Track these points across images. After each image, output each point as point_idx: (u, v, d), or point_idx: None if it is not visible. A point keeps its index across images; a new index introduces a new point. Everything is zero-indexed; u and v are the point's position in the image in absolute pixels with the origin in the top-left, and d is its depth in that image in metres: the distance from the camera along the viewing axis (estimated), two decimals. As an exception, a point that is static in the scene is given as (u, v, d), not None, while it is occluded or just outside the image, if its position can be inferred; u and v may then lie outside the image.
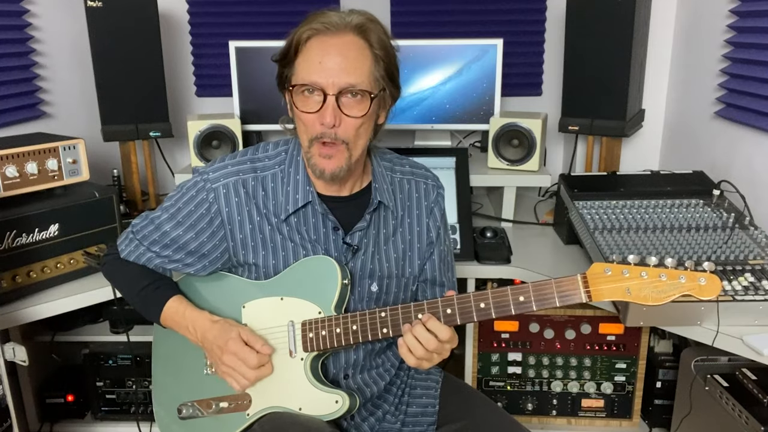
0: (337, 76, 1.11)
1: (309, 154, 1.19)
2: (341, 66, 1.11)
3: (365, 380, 1.31)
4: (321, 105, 1.13)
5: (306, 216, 1.25)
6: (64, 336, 2.06)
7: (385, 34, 1.17)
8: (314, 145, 1.17)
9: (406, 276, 1.32)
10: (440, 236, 1.36)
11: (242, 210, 1.24)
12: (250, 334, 1.22)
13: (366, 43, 1.14)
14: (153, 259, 1.30)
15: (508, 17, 2.49)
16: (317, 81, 1.12)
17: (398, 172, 1.34)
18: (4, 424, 1.36)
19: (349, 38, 1.13)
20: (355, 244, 1.26)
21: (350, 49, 1.13)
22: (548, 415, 2.06)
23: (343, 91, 1.12)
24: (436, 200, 1.36)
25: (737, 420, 1.50)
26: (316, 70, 1.12)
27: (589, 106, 2.21)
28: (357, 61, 1.13)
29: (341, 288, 1.21)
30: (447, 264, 1.40)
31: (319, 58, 1.12)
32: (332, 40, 1.12)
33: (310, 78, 1.12)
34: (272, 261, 1.25)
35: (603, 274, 1.07)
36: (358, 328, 1.18)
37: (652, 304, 1.06)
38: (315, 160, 1.18)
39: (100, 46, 2.14)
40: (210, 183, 1.24)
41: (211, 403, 1.27)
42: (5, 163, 1.60)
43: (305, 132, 1.18)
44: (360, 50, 1.13)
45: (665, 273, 1.05)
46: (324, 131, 1.14)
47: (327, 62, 1.11)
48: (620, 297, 1.07)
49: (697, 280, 1.04)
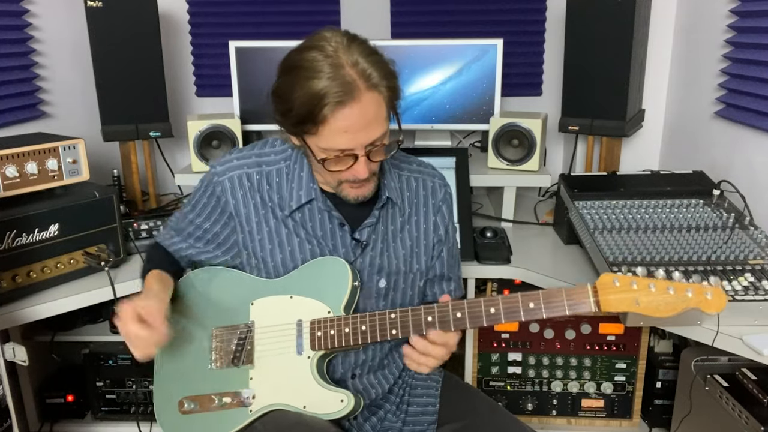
0: (365, 137, 1.12)
1: (338, 189, 1.22)
2: (366, 128, 1.11)
3: (371, 381, 1.32)
4: (352, 164, 1.15)
5: (311, 212, 1.26)
6: (64, 336, 2.06)
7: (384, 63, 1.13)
8: (344, 184, 1.20)
9: (414, 272, 1.33)
10: (448, 233, 1.39)
11: (248, 202, 1.27)
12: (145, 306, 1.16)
13: (378, 93, 1.11)
14: (184, 249, 1.38)
15: (508, 17, 2.49)
16: (347, 147, 1.12)
17: (405, 170, 1.36)
18: (4, 424, 1.36)
19: (366, 98, 1.09)
20: (363, 240, 1.27)
21: (369, 109, 1.10)
22: (548, 415, 2.06)
23: (368, 145, 1.14)
24: (444, 198, 1.37)
25: (737, 420, 1.50)
26: (343, 139, 1.11)
27: (589, 106, 2.21)
28: (377, 117, 1.12)
29: (351, 289, 1.22)
30: (455, 259, 1.42)
31: (344, 128, 1.10)
32: (354, 110, 1.08)
33: (338, 146, 1.12)
34: (279, 256, 1.26)
35: (612, 284, 1.09)
36: (368, 329, 1.19)
37: (660, 317, 1.08)
38: (347, 193, 1.22)
39: (100, 46, 2.14)
40: (217, 177, 1.28)
41: (214, 398, 1.27)
42: (5, 163, 1.60)
43: (333, 178, 1.19)
44: (377, 105, 1.12)
45: (673, 286, 1.07)
46: (355, 179, 1.17)
47: (353, 128, 1.10)
48: (628, 308, 1.09)
49: (704, 295, 1.07)
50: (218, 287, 1.34)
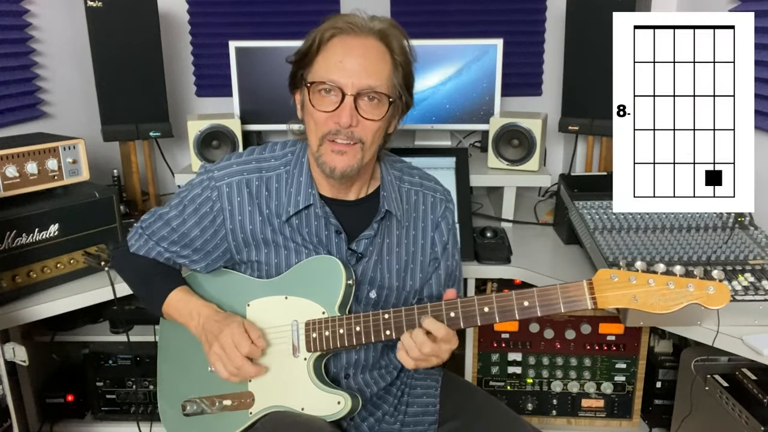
0: (357, 77, 1.11)
1: (319, 152, 1.17)
2: (362, 67, 1.11)
3: (366, 380, 1.31)
4: (338, 105, 1.12)
5: (308, 218, 1.25)
6: (64, 336, 2.06)
7: (407, 42, 1.18)
8: (325, 143, 1.16)
9: (407, 289, 1.32)
10: (447, 251, 1.35)
11: (244, 210, 1.24)
12: (251, 324, 1.22)
13: (387, 48, 1.14)
14: (162, 254, 1.31)
15: (508, 17, 2.49)
16: (337, 80, 1.11)
17: (406, 182, 1.33)
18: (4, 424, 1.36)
19: (372, 41, 1.13)
20: (360, 252, 1.26)
21: (372, 51, 1.12)
22: (548, 415, 2.06)
23: (361, 92, 1.12)
24: (444, 214, 1.35)
25: (737, 420, 1.50)
26: (336, 68, 1.11)
27: (589, 106, 2.21)
28: (378, 65, 1.13)
29: (345, 288, 1.21)
30: (454, 279, 1.39)
31: (340, 57, 1.11)
32: (355, 41, 1.12)
33: (329, 76, 1.11)
34: (275, 260, 1.26)
35: (609, 280, 1.06)
36: (362, 330, 1.18)
37: (659, 313, 1.04)
38: (326, 157, 1.16)
39: (100, 46, 2.14)
40: (214, 181, 1.24)
41: (215, 400, 1.27)
42: (5, 163, 1.60)
43: (316, 131, 1.16)
44: (381, 54, 1.13)
45: (673, 281, 1.03)
46: (339, 129, 1.13)
47: (348, 62, 1.11)
48: (626, 304, 1.06)
49: (706, 289, 1.03)
50: (214, 288, 1.33)
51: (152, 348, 1.45)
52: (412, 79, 1.21)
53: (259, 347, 1.20)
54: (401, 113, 1.24)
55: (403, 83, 1.18)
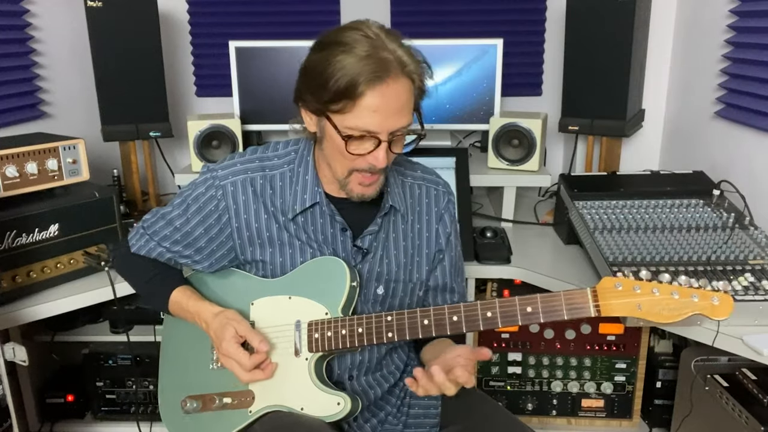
0: (393, 123, 1.11)
1: (345, 181, 1.19)
2: (396, 112, 1.10)
3: (369, 382, 1.31)
4: (373, 149, 1.12)
5: (314, 216, 1.25)
6: (64, 336, 2.06)
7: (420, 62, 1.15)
8: (354, 175, 1.17)
9: (413, 281, 1.32)
10: (450, 242, 1.37)
11: (249, 208, 1.24)
12: (249, 330, 1.21)
13: (411, 84, 1.12)
14: (164, 254, 1.31)
15: (508, 17, 2.49)
16: (374, 130, 1.10)
17: (409, 177, 1.34)
18: (4, 424, 1.36)
19: (401, 83, 1.09)
20: (365, 248, 1.26)
21: (402, 94, 1.10)
22: (548, 415, 2.06)
23: (393, 133, 1.13)
24: (447, 207, 1.36)
25: (737, 420, 1.50)
26: (371, 119, 1.09)
27: (589, 106, 2.21)
28: (407, 105, 1.12)
29: (349, 290, 1.21)
30: (458, 270, 1.40)
31: (374, 108, 1.08)
32: (388, 90, 1.08)
33: (366, 127, 1.10)
34: (279, 259, 1.26)
35: (613, 288, 1.06)
36: (364, 331, 1.18)
37: (663, 323, 1.04)
38: (353, 186, 1.19)
39: (100, 46, 2.14)
40: (218, 180, 1.24)
41: (215, 399, 1.27)
42: (5, 163, 1.60)
43: (346, 165, 1.16)
44: (408, 93, 1.12)
45: (677, 291, 1.03)
46: (369, 167, 1.15)
47: (383, 111, 1.09)
48: (630, 313, 1.05)
49: (710, 300, 1.03)
50: (218, 287, 1.33)
51: (152, 348, 1.45)
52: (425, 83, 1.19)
53: (263, 351, 1.20)
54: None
55: (417, 101, 1.17)
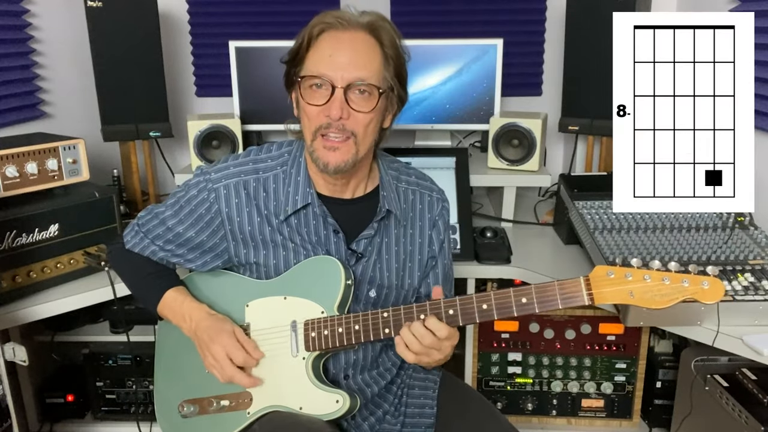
0: (347, 70, 1.12)
1: (312, 148, 1.18)
2: (351, 60, 1.12)
3: (365, 380, 1.31)
4: (328, 98, 1.13)
5: (306, 218, 1.25)
6: (64, 336, 2.06)
7: (397, 36, 1.18)
8: (318, 138, 1.16)
9: (405, 288, 1.32)
10: (443, 250, 1.36)
11: (242, 211, 1.24)
12: (245, 336, 1.23)
13: (377, 41, 1.15)
14: (157, 252, 1.31)
15: (508, 17, 2.49)
16: (326, 73, 1.12)
17: (404, 182, 1.34)
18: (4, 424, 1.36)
19: (361, 35, 1.14)
20: (360, 252, 1.26)
21: (361, 44, 1.14)
22: (548, 415, 2.06)
23: (351, 85, 1.12)
24: (441, 213, 1.36)
25: (737, 420, 1.50)
26: (325, 63, 1.12)
27: (589, 106, 2.21)
28: (367, 57, 1.14)
29: (344, 288, 1.21)
30: (448, 279, 1.40)
31: (329, 52, 1.12)
32: (344, 35, 1.13)
33: (319, 70, 1.13)
34: (273, 261, 1.26)
35: (606, 276, 1.07)
36: (361, 328, 1.18)
37: (655, 308, 1.06)
38: (319, 153, 1.17)
39: (100, 46, 2.14)
40: (211, 183, 1.24)
41: (212, 401, 1.27)
42: (5, 163, 1.60)
43: (309, 125, 1.17)
44: (371, 47, 1.14)
45: (668, 276, 1.05)
46: (330, 122, 1.13)
47: (337, 56, 1.12)
48: (623, 300, 1.07)
49: (701, 284, 1.05)
50: (213, 290, 1.33)
51: (152, 348, 1.45)
52: (404, 72, 1.21)
53: (256, 358, 1.21)
54: (396, 108, 1.24)
55: (394, 76, 1.18)
